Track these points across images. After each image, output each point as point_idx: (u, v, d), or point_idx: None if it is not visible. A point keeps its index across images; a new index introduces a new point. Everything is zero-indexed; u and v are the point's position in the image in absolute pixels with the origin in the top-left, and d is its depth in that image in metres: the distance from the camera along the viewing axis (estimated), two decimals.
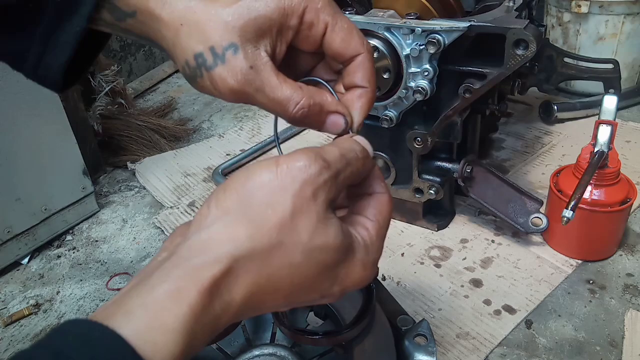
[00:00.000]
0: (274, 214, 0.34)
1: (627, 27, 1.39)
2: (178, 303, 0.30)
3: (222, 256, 0.32)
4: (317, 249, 0.35)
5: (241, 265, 0.33)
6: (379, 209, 0.41)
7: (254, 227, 0.33)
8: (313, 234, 0.34)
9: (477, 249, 1.02)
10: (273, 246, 0.33)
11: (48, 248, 1.14)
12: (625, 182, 0.93)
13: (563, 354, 0.81)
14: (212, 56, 0.40)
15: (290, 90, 0.41)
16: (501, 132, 1.38)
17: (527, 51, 0.77)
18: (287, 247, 0.34)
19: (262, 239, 0.33)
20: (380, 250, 0.40)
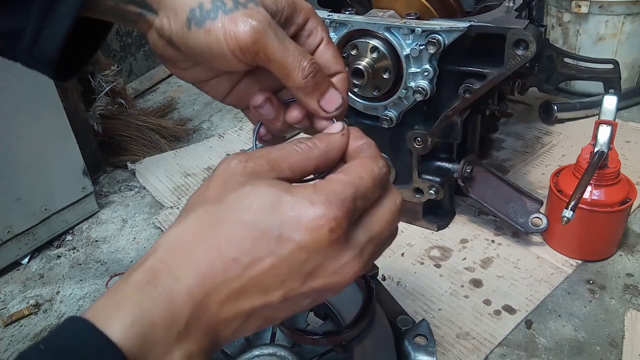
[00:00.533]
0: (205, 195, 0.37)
1: (627, 27, 1.39)
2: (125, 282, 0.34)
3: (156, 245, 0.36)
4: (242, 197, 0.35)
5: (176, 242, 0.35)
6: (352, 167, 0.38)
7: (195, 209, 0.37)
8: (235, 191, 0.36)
9: (477, 249, 1.02)
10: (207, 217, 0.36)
11: (48, 248, 1.14)
12: (625, 182, 0.93)
13: (563, 354, 0.81)
14: (233, 2, 0.39)
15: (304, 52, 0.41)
16: (501, 132, 1.38)
17: (527, 51, 0.77)
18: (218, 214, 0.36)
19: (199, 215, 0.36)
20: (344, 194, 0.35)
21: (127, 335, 0.31)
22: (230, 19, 0.39)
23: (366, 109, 0.94)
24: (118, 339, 0.30)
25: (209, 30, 0.39)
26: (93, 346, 0.30)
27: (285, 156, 0.38)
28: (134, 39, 1.90)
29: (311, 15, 0.44)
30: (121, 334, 0.30)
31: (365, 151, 0.41)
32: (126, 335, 0.31)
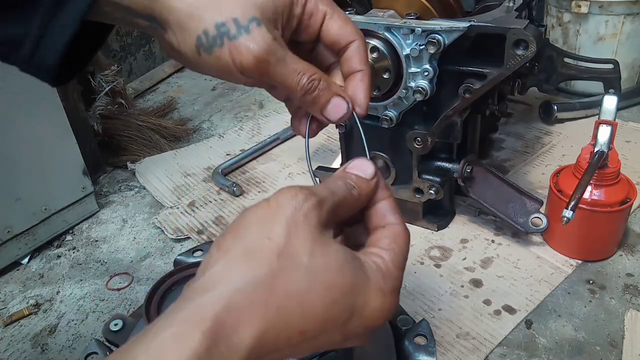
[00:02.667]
0: (270, 242, 0.33)
1: (627, 27, 1.39)
2: (180, 347, 0.29)
3: (223, 292, 0.31)
4: (320, 269, 0.33)
5: (245, 300, 0.31)
6: (392, 238, 0.39)
7: (252, 258, 0.33)
8: (312, 254, 0.34)
9: (477, 249, 1.02)
10: (274, 273, 0.32)
11: (48, 248, 1.15)
12: (625, 182, 0.93)
13: (563, 354, 0.81)
14: (235, 27, 0.41)
15: (306, 64, 0.44)
16: (501, 132, 1.38)
17: (527, 51, 0.77)
18: (289, 272, 0.33)
19: (261, 268, 0.32)
20: (400, 279, 0.38)
21: None
22: (235, 46, 0.41)
23: None
24: None
25: (219, 57, 0.42)
26: None
27: (343, 206, 0.39)
28: (134, 39, 1.90)
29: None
30: None
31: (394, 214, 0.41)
32: None
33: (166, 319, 0.31)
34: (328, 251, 0.35)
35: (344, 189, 0.39)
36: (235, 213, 1.17)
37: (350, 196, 0.39)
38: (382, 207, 0.41)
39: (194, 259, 0.76)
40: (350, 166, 0.41)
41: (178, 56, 0.45)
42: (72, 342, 0.92)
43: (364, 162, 0.41)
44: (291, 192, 0.36)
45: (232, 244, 0.34)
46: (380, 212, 0.41)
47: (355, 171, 0.41)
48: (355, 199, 0.39)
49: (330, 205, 0.37)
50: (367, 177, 0.41)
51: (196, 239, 1.10)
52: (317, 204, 0.36)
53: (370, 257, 0.37)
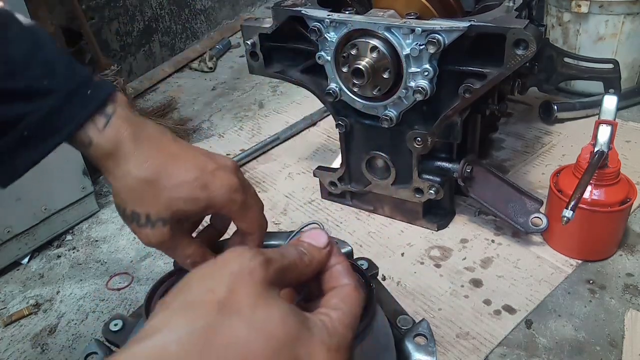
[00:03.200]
0: (211, 295, 0.33)
1: (627, 27, 1.39)
2: None
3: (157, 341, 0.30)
4: (261, 320, 0.33)
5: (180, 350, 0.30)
6: (341, 298, 0.39)
7: (192, 310, 0.32)
8: (254, 306, 0.33)
9: (477, 249, 1.02)
10: (214, 324, 0.31)
11: (48, 248, 1.14)
12: (625, 182, 0.93)
13: (563, 354, 0.81)
14: (145, 219, 0.51)
15: (193, 248, 0.55)
16: (501, 132, 1.38)
17: (527, 51, 0.77)
18: (229, 324, 0.32)
19: (200, 319, 0.32)
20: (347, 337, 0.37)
21: None
22: (139, 231, 0.52)
23: (366, 108, 0.94)
24: None
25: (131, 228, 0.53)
26: None
27: (292, 269, 0.39)
28: (133, 39, 1.90)
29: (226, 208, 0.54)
30: None
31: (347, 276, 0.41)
32: None
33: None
34: (271, 304, 0.34)
35: (294, 253, 0.39)
36: None
37: (301, 261, 0.39)
38: (335, 270, 0.42)
39: None
40: (304, 235, 0.42)
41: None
42: (72, 342, 0.92)
43: (318, 232, 0.42)
44: (238, 251, 0.36)
45: (173, 299, 0.34)
46: (333, 275, 0.41)
47: (308, 239, 0.42)
48: (306, 264, 0.40)
49: (278, 266, 0.37)
50: (320, 245, 0.41)
51: None
52: (264, 262, 0.35)
53: (317, 315, 0.37)
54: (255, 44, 1.00)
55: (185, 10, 2.12)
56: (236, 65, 2.01)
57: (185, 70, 2.01)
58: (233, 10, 2.39)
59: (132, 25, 1.88)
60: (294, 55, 1.02)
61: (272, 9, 0.97)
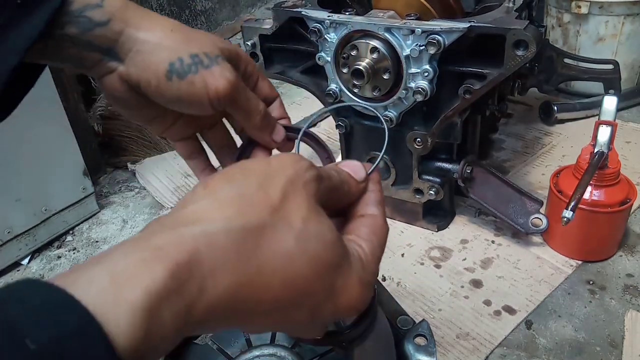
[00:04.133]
0: (265, 196, 0.31)
1: (627, 28, 1.39)
2: (149, 275, 0.25)
3: (208, 228, 0.28)
4: (312, 237, 0.32)
5: (230, 244, 0.29)
6: (372, 229, 0.38)
7: (244, 205, 0.30)
8: (306, 220, 0.32)
9: (477, 249, 1.02)
10: (265, 227, 0.30)
11: (48, 249, 1.15)
12: (625, 183, 0.93)
13: (563, 354, 0.81)
14: (207, 58, 0.45)
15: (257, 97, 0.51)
16: (501, 132, 1.38)
17: (527, 52, 0.77)
18: (280, 231, 0.31)
19: (253, 217, 0.30)
20: (376, 273, 0.37)
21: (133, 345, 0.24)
22: (211, 73, 0.44)
23: (366, 109, 0.94)
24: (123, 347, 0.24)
25: (192, 83, 0.44)
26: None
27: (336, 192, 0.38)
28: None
29: (249, 62, 0.52)
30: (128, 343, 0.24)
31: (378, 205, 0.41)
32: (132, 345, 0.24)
33: (137, 243, 0.27)
34: (321, 222, 0.33)
35: (338, 179, 0.38)
36: None
37: (341, 188, 0.39)
38: (367, 197, 0.41)
39: None
40: (343, 164, 0.41)
41: (125, 91, 0.46)
42: None
43: (357, 165, 0.42)
44: (295, 157, 0.35)
45: (222, 186, 0.32)
46: (364, 201, 0.40)
47: (347, 169, 0.40)
48: (344, 193, 0.39)
49: (327, 185, 0.36)
50: (358, 179, 0.41)
51: None
52: (318, 177, 0.35)
53: (352, 244, 0.36)
54: (256, 44, 1.01)
55: (186, 11, 2.12)
56: None
57: None
58: (233, 11, 2.40)
59: None
60: (294, 56, 1.02)
61: (272, 10, 0.97)
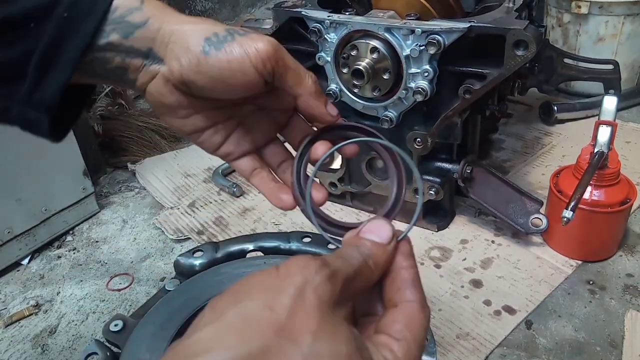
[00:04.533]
0: (271, 314, 0.29)
1: (627, 28, 1.39)
2: None
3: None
4: (323, 354, 0.29)
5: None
6: (405, 324, 0.34)
7: (248, 328, 0.29)
8: (317, 335, 0.29)
9: (477, 249, 1.02)
10: (268, 349, 0.28)
11: (48, 249, 1.15)
12: (625, 183, 0.93)
13: (563, 354, 0.81)
14: (243, 30, 0.44)
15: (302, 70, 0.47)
16: (501, 132, 1.38)
17: (527, 52, 0.77)
18: (286, 351, 0.28)
19: (257, 341, 0.28)
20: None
21: None
22: (249, 37, 0.43)
23: (366, 109, 0.94)
24: None
25: (229, 51, 0.43)
26: None
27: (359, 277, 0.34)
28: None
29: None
30: None
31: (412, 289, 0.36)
32: None
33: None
34: (336, 335, 0.30)
35: (359, 259, 0.35)
36: (236, 214, 1.17)
37: (366, 267, 0.35)
38: (400, 278, 0.36)
39: (194, 260, 0.76)
40: (365, 230, 0.37)
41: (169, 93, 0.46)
42: (73, 343, 0.92)
43: (380, 224, 0.37)
44: (303, 261, 0.32)
45: (228, 308, 0.30)
46: (396, 284, 0.36)
47: (369, 236, 0.37)
48: (371, 270, 0.35)
49: (344, 278, 0.33)
50: (383, 241, 0.37)
51: (196, 240, 1.10)
52: (331, 277, 0.31)
53: (380, 348, 0.33)
54: None
55: (186, 12, 2.13)
56: None
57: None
58: (233, 12, 2.40)
59: None
60: (294, 56, 1.01)
61: (272, 10, 0.97)
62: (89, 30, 0.42)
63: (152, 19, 0.44)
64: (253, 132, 0.51)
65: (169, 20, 0.44)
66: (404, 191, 0.46)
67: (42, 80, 0.42)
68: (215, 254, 0.77)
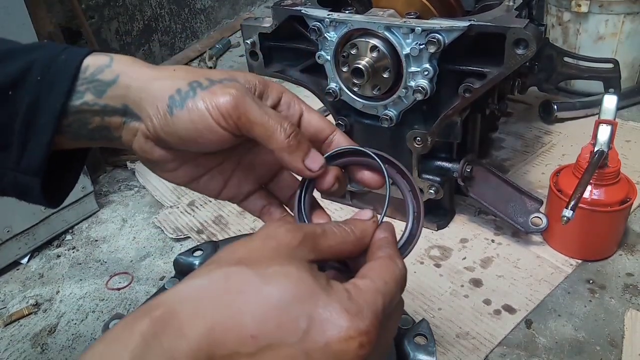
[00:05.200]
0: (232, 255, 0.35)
1: (627, 27, 1.39)
2: (130, 331, 0.30)
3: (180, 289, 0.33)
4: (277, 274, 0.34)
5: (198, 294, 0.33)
6: (370, 267, 0.38)
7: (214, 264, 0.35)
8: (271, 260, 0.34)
9: (477, 248, 1.02)
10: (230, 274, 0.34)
11: (48, 248, 1.14)
12: (625, 182, 0.93)
13: (563, 353, 0.81)
14: (208, 81, 0.42)
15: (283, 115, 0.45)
16: (501, 131, 1.38)
17: (527, 50, 0.77)
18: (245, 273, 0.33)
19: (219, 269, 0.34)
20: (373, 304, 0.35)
21: None
22: (209, 92, 0.41)
23: (366, 108, 0.94)
24: None
25: (191, 108, 0.41)
26: None
27: (327, 238, 0.39)
28: (133, 38, 1.90)
29: (284, 90, 0.47)
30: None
31: (384, 248, 0.41)
32: None
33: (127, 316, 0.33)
34: (290, 262, 0.35)
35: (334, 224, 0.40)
36: (235, 213, 1.17)
37: (340, 230, 0.40)
38: (376, 242, 0.41)
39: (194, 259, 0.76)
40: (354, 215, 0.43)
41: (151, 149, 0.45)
42: (72, 342, 0.92)
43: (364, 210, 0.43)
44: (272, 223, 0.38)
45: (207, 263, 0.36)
46: (373, 248, 0.41)
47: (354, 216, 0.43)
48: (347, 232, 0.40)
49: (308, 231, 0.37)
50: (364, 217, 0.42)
51: (196, 239, 1.10)
52: (293, 228, 0.37)
53: (344, 284, 0.36)
54: (255, 43, 1.00)
55: (185, 10, 2.12)
56: (236, 64, 2.00)
57: None
58: (233, 10, 2.39)
59: (131, 24, 1.88)
60: (293, 54, 1.02)
61: (271, 9, 0.96)
62: (62, 91, 0.42)
63: (121, 75, 0.43)
64: (255, 169, 0.50)
65: (138, 76, 0.43)
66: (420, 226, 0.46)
67: (26, 144, 0.43)
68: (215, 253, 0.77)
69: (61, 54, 0.43)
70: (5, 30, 0.97)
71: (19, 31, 0.99)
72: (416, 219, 0.46)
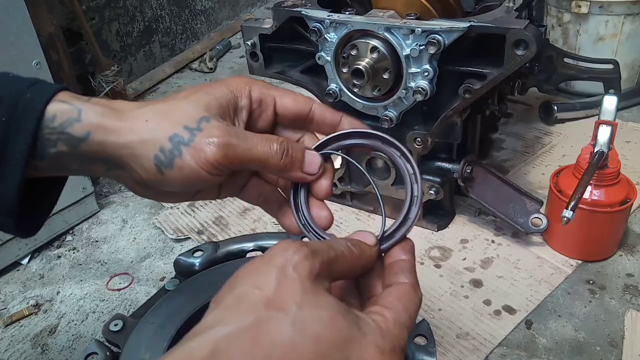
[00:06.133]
0: (259, 292, 0.34)
1: (627, 28, 1.39)
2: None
3: (210, 338, 0.32)
4: (308, 320, 0.33)
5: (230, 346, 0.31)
6: (396, 296, 0.39)
7: (240, 306, 0.33)
8: (301, 304, 0.33)
9: (477, 249, 1.02)
10: (261, 322, 0.32)
11: (48, 248, 1.15)
12: (625, 183, 0.93)
13: (563, 354, 0.81)
14: (187, 132, 0.41)
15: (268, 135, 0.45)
16: (501, 132, 1.38)
17: (527, 51, 0.77)
18: (276, 321, 0.32)
19: (248, 316, 0.32)
20: (402, 339, 0.37)
21: None
22: (194, 148, 0.41)
23: (366, 109, 0.94)
24: None
25: (181, 167, 0.41)
26: None
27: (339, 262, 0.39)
28: (133, 39, 1.90)
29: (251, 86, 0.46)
30: None
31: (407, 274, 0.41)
32: None
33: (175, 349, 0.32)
34: (319, 302, 0.34)
35: (344, 245, 0.39)
36: (236, 213, 1.17)
37: (350, 253, 0.39)
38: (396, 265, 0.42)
39: (194, 260, 0.76)
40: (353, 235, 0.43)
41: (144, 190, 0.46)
42: (72, 343, 0.92)
43: (366, 233, 0.43)
44: (283, 245, 0.36)
45: (224, 295, 0.35)
46: (394, 270, 0.41)
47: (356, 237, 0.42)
48: (356, 256, 0.40)
49: (325, 257, 0.37)
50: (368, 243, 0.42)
51: (196, 239, 1.10)
52: (310, 255, 0.35)
53: (370, 314, 0.37)
54: (255, 44, 1.01)
55: (186, 11, 2.12)
56: (236, 65, 2.01)
57: (186, 70, 2.01)
58: (233, 11, 2.39)
59: (132, 25, 1.88)
60: (294, 55, 1.02)
61: (272, 10, 0.97)
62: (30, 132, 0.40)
63: (93, 132, 0.41)
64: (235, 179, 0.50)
65: (113, 130, 0.41)
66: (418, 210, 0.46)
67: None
68: (215, 253, 0.77)
69: (26, 93, 0.41)
70: (6, 32, 0.97)
71: (20, 32, 0.99)
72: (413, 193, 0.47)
